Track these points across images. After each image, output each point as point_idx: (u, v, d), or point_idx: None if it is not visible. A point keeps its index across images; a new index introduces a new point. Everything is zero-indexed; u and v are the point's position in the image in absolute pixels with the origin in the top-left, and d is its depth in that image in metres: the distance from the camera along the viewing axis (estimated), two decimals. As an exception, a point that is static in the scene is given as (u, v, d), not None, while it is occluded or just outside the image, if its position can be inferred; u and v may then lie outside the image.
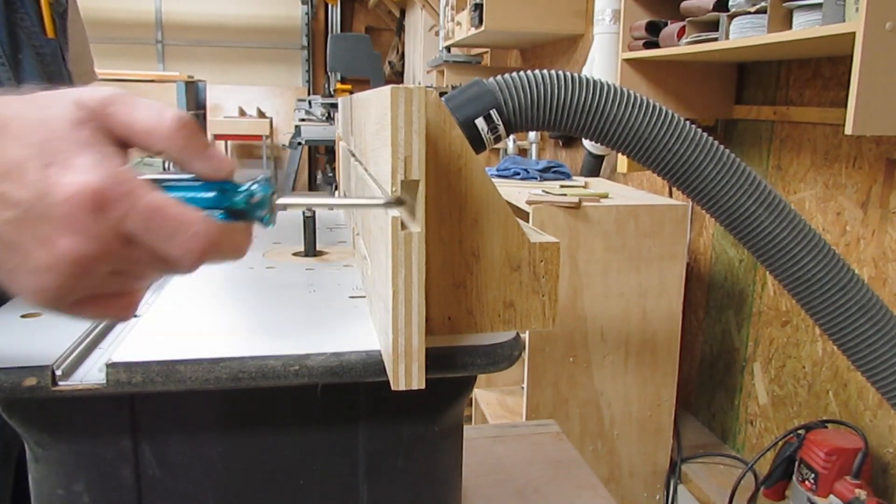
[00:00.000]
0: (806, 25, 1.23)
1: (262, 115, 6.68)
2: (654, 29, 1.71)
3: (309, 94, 6.67)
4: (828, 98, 1.55)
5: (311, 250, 0.69)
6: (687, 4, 1.59)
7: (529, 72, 0.60)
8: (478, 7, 2.84)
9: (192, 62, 6.82)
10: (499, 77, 0.61)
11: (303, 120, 4.59)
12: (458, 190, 0.43)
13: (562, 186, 1.87)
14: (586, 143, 2.31)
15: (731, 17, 1.41)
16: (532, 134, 3.04)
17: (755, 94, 1.78)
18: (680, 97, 1.79)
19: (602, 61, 2.20)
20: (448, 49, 3.81)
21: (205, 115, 5.95)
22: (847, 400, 1.52)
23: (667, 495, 1.87)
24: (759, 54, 1.58)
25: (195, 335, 0.46)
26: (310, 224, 0.69)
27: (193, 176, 0.36)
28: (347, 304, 0.53)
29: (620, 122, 0.59)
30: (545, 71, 0.60)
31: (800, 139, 1.64)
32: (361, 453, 0.48)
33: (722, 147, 0.61)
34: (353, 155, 0.73)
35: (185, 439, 0.45)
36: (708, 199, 0.61)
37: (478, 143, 0.60)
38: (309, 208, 0.68)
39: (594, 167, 2.40)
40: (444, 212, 0.43)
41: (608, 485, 1.79)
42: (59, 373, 0.40)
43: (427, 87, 0.48)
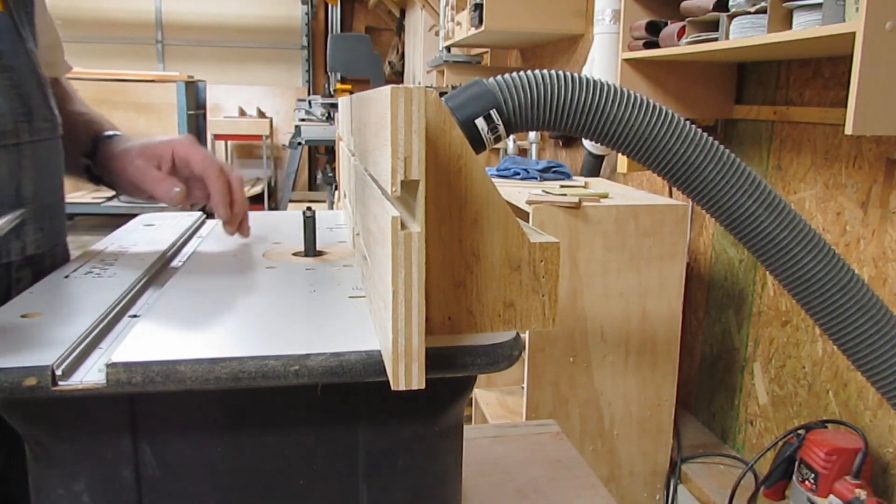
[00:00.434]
0: (806, 25, 1.23)
1: (262, 115, 6.69)
2: (654, 29, 1.71)
3: (309, 94, 6.67)
4: (828, 98, 1.55)
5: (311, 250, 0.69)
6: (687, 4, 1.59)
7: (529, 72, 0.60)
8: (478, 7, 2.84)
9: (192, 62, 6.83)
10: (499, 77, 0.61)
11: (303, 120, 4.59)
12: (458, 190, 0.43)
13: (562, 186, 1.87)
14: (586, 143, 2.31)
15: (731, 17, 1.41)
16: (532, 134, 3.04)
17: (755, 94, 1.78)
18: (680, 97, 1.79)
19: (602, 61, 2.20)
20: (448, 49, 3.81)
21: (205, 115, 5.94)
22: (847, 400, 1.52)
23: (667, 495, 1.87)
24: (759, 54, 1.58)
25: (195, 335, 0.46)
26: (310, 224, 0.69)
27: None
28: (347, 304, 0.53)
29: (620, 122, 0.59)
30: (545, 71, 0.60)
31: (800, 139, 1.64)
32: (361, 453, 0.48)
33: (722, 147, 0.61)
34: (354, 155, 0.73)
35: (185, 439, 0.45)
36: (708, 199, 0.61)
37: (478, 143, 0.60)
38: (309, 208, 0.69)
39: (594, 167, 2.40)
40: (444, 212, 0.43)
41: (608, 485, 1.79)
42: (59, 373, 0.40)
43: (427, 87, 0.48)
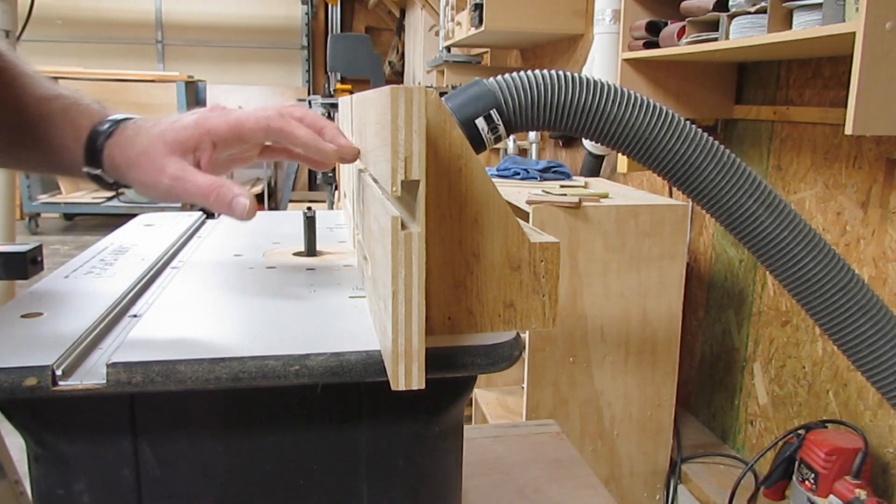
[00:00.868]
0: (806, 25, 1.23)
1: (262, 114, 6.67)
2: (654, 29, 1.71)
3: (309, 94, 6.67)
4: (828, 98, 1.55)
5: (311, 250, 0.69)
6: (687, 4, 1.59)
7: (529, 72, 0.60)
8: (478, 7, 2.84)
9: (192, 62, 6.83)
10: (499, 77, 0.61)
11: (303, 120, 4.59)
12: (458, 190, 0.43)
13: (562, 186, 1.87)
14: (586, 143, 2.31)
15: (731, 17, 1.41)
16: (532, 134, 3.04)
17: (755, 94, 1.78)
18: (680, 97, 1.79)
19: (602, 61, 2.20)
20: (448, 49, 3.81)
21: (205, 115, 5.93)
22: (847, 400, 1.52)
23: (667, 495, 1.87)
24: (759, 54, 1.58)
25: (195, 335, 0.46)
26: (310, 224, 0.69)
27: None
28: (347, 304, 0.53)
29: (620, 122, 0.59)
30: (545, 71, 0.60)
31: (800, 139, 1.64)
32: (361, 453, 0.48)
33: (722, 147, 0.61)
34: (353, 155, 0.73)
35: (185, 439, 0.45)
36: (708, 199, 0.61)
37: (478, 143, 0.60)
38: (309, 208, 0.68)
39: (594, 167, 2.40)
40: (444, 212, 0.43)
41: (608, 485, 1.79)
42: (59, 373, 0.40)
43: (427, 87, 0.48)
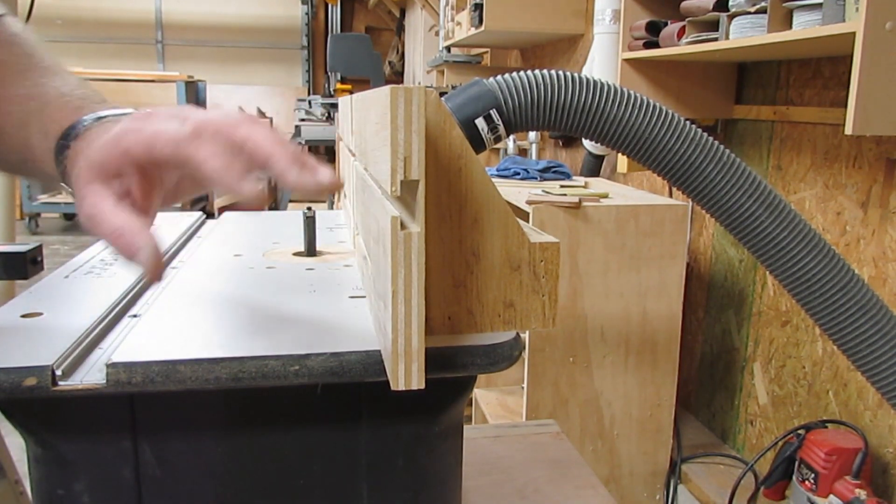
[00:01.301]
0: (806, 25, 1.23)
1: (262, 114, 6.68)
2: (654, 29, 1.71)
3: (309, 94, 6.67)
4: (828, 98, 1.55)
5: (311, 250, 0.69)
6: (687, 4, 1.59)
7: (529, 72, 0.60)
8: (478, 7, 2.84)
9: (192, 62, 6.83)
10: (499, 77, 0.61)
11: (303, 120, 4.60)
12: (458, 190, 0.43)
13: (562, 186, 1.87)
14: (586, 143, 2.31)
15: (731, 17, 1.41)
16: (532, 134, 3.04)
17: (755, 94, 1.78)
18: (680, 97, 1.79)
19: (602, 61, 2.20)
20: (448, 49, 3.81)
21: (205, 115, 5.93)
22: (847, 400, 1.52)
23: (667, 495, 1.87)
24: (759, 54, 1.58)
25: (195, 335, 0.46)
26: (310, 224, 0.69)
27: None
28: (347, 304, 0.53)
29: (620, 122, 0.59)
30: (545, 71, 0.60)
31: (800, 139, 1.64)
32: (361, 453, 0.48)
33: (722, 147, 0.61)
34: (354, 155, 0.73)
35: (185, 439, 0.45)
36: (708, 199, 0.61)
37: (478, 143, 0.60)
38: (309, 208, 0.68)
39: (594, 167, 2.40)
40: (444, 212, 0.43)
41: (608, 485, 1.79)
42: (59, 373, 0.40)
43: (427, 87, 0.48)
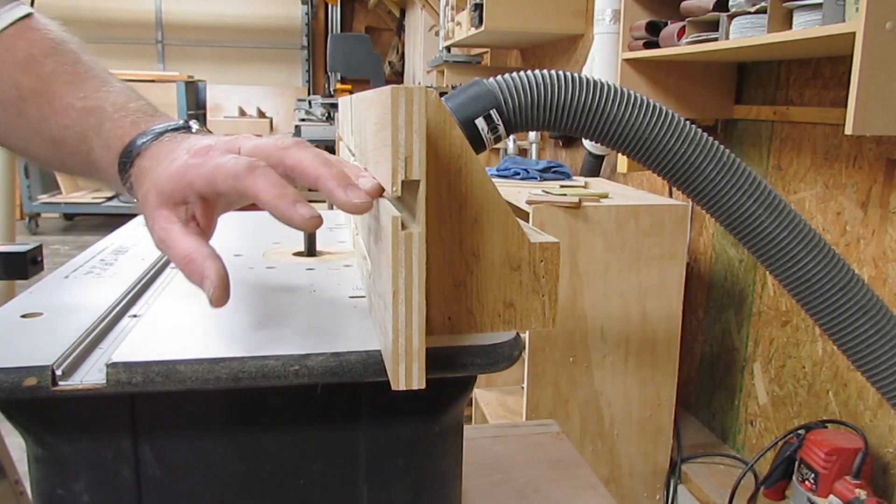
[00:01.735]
0: (806, 25, 1.23)
1: (262, 114, 6.69)
2: (654, 29, 1.71)
3: (309, 94, 6.67)
4: (828, 98, 1.55)
5: (311, 250, 0.69)
6: (687, 4, 1.59)
7: (529, 72, 0.60)
8: (478, 7, 2.84)
9: (192, 62, 6.83)
10: (499, 77, 0.61)
11: (303, 120, 4.60)
12: (458, 190, 0.43)
13: (562, 186, 1.87)
14: (586, 143, 2.31)
15: (731, 17, 1.41)
16: (532, 134, 3.04)
17: (755, 94, 1.78)
18: (680, 97, 1.79)
19: (602, 61, 2.20)
20: (448, 49, 3.81)
21: (205, 115, 5.95)
22: (847, 400, 1.52)
23: (667, 495, 1.87)
24: (759, 54, 1.58)
25: (195, 335, 0.46)
26: (310, 224, 0.69)
27: None
28: (347, 304, 0.53)
29: (620, 122, 0.59)
30: (545, 71, 0.60)
31: (800, 139, 1.64)
32: (361, 453, 0.48)
33: (722, 147, 0.61)
34: (354, 155, 0.73)
35: (185, 439, 0.45)
36: (708, 199, 0.61)
37: (478, 143, 0.60)
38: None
39: (594, 167, 2.40)
40: (444, 212, 0.43)
41: (608, 485, 1.79)
42: (59, 373, 0.40)
43: (427, 87, 0.48)
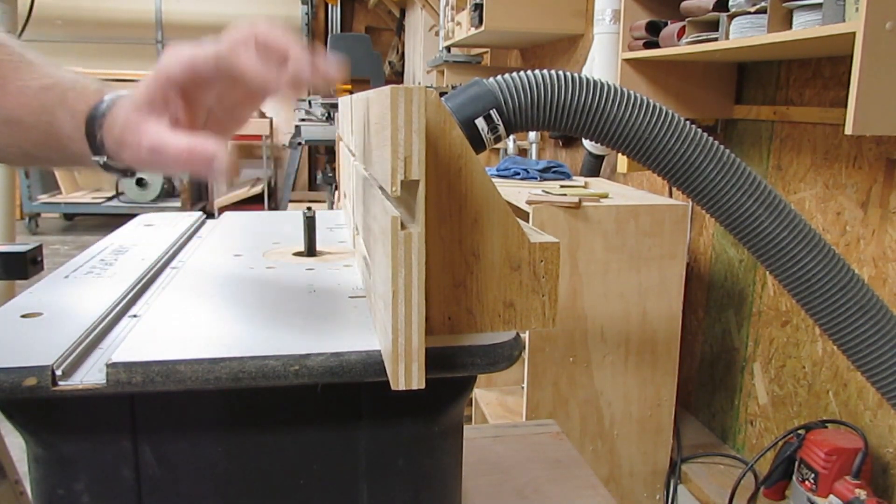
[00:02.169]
0: (806, 25, 1.23)
1: (262, 114, 6.68)
2: (654, 29, 1.71)
3: (309, 93, 6.66)
4: (828, 98, 1.55)
5: (311, 250, 0.69)
6: (687, 4, 1.59)
7: (529, 72, 0.60)
8: (478, 7, 2.84)
9: (192, 62, 6.81)
10: (499, 77, 0.61)
11: (303, 120, 4.60)
12: (458, 190, 0.43)
13: (562, 186, 1.87)
14: (586, 143, 2.31)
15: (731, 17, 1.41)
16: (532, 134, 3.04)
17: (755, 94, 1.78)
18: (680, 97, 1.79)
19: (602, 61, 2.20)
20: (448, 49, 3.81)
21: (205, 115, 5.93)
22: (847, 400, 1.52)
23: (667, 495, 1.87)
24: (759, 54, 1.58)
25: (195, 335, 0.46)
26: (310, 224, 0.69)
27: None
28: (347, 304, 0.53)
29: (620, 122, 0.59)
30: (545, 71, 0.60)
31: (800, 139, 1.64)
32: (361, 453, 0.48)
33: (722, 147, 0.61)
34: (354, 155, 0.73)
35: (185, 439, 0.45)
36: (708, 199, 0.61)
37: (478, 143, 0.60)
38: (309, 208, 0.68)
39: (594, 167, 2.40)
40: (444, 212, 0.43)
41: (608, 485, 1.79)
42: (59, 373, 0.40)
43: (427, 87, 0.48)
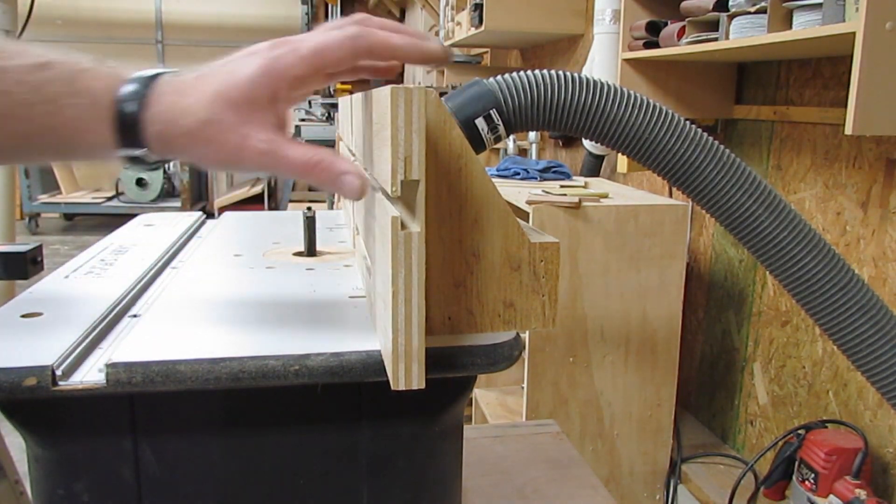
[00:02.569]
0: (806, 25, 1.23)
1: (262, 115, 6.67)
2: (654, 29, 1.71)
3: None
4: (828, 98, 1.55)
5: (311, 250, 0.69)
6: (687, 4, 1.59)
7: (529, 72, 0.60)
8: (478, 7, 2.84)
9: (192, 62, 6.79)
10: (499, 77, 0.61)
11: (303, 120, 4.60)
12: (458, 190, 0.43)
13: (562, 186, 1.87)
14: (586, 143, 2.31)
15: (731, 17, 1.41)
16: (532, 134, 3.04)
17: (755, 94, 1.78)
18: (680, 97, 1.79)
19: (602, 61, 2.20)
20: (448, 49, 3.81)
21: (205, 115, 5.93)
22: (847, 400, 1.52)
23: (667, 495, 1.87)
24: (759, 54, 1.58)
25: (195, 335, 0.46)
26: (310, 224, 0.69)
27: None
28: (347, 304, 0.53)
29: (620, 122, 0.59)
30: (545, 71, 0.60)
31: (800, 139, 1.64)
32: (362, 453, 0.48)
33: (722, 147, 0.61)
34: (354, 155, 0.73)
35: (185, 439, 0.45)
36: (708, 199, 0.61)
37: (478, 143, 0.60)
38: (309, 208, 0.68)
39: (594, 167, 2.40)
40: (444, 212, 0.43)
41: (608, 485, 1.79)
42: (59, 373, 0.40)
43: (427, 87, 0.48)
